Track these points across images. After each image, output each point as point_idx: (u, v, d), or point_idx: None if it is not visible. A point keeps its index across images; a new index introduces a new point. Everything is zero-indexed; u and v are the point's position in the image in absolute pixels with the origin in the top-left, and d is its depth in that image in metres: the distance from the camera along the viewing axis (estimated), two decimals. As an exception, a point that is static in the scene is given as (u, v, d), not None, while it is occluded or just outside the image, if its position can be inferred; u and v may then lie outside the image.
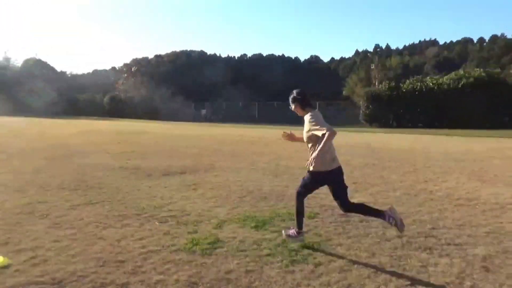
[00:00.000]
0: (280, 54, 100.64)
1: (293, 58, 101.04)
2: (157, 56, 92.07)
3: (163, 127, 28.59)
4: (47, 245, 4.14)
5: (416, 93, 27.50)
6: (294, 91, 4.09)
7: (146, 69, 69.16)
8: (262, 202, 6.20)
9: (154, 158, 11.04)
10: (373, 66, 50.33)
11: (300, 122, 4.20)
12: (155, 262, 3.75)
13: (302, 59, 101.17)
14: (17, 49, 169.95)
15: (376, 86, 36.05)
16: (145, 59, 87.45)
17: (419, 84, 28.04)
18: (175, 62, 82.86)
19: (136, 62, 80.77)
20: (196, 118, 47.72)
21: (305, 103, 4.03)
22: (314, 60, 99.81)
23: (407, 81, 29.77)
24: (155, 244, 4.24)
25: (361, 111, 31.40)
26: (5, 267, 3.54)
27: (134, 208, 5.72)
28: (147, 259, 3.84)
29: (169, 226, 4.90)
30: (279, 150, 13.39)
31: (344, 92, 58.20)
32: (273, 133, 21.61)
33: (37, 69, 56.45)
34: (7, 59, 58.79)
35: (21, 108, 43.59)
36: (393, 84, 29.61)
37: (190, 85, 65.76)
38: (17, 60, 61.33)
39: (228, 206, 5.94)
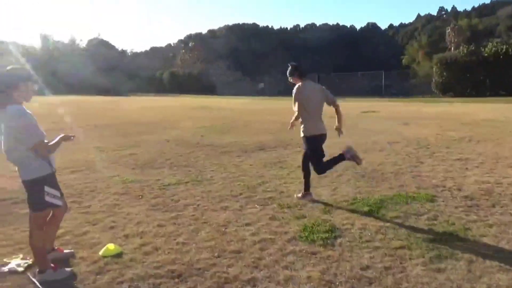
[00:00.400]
0: (335, 23, 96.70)
1: (348, 26, 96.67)
2: (210, 31, 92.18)
3: (224, 101, 28.47)
4: (153, 230, 3.87)
5: (501, 57, 24.46)
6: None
7: (200, 44, 69.43)
8: (363, 182, 5.60)
9: (226, 134, 10.73)
10: (449, 29, 45.96)
11: (353, 93, 3.93)
12: (274, 254, 3.32)
13: (358, 27, 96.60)
14: (82, 30, 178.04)
15: (452, 51, 32.80)
16: (198, 35, 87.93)
17: (504, 47, 24.89)
18: (228, 36, 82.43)
19: (190, 37, 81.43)
20: (252, 92, 47.24)
21: (292, 74, 4.73)
22: (371, 28, 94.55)
23: (490, 44, 26.60)
24: (266, 231, 3.82)
25: (433, 79, 28.68)
26: (118, 255, 3.29)
27: (227, 189, 5.38)
28: (263, 249, 3.42)
29: (272, 210, 4.47)
30: (367, 124, 12.48)
31: (403, 61, 54.48)
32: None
33: (101, 49, 58.57)
34: (73, 40, 61.53)
35: (85, 87, 45.51)
36: (472, 48, 26.63)
37: (244, 58, 65.22)
38: (82, 41, 64.01)
39: (327, 186, 5.41)
